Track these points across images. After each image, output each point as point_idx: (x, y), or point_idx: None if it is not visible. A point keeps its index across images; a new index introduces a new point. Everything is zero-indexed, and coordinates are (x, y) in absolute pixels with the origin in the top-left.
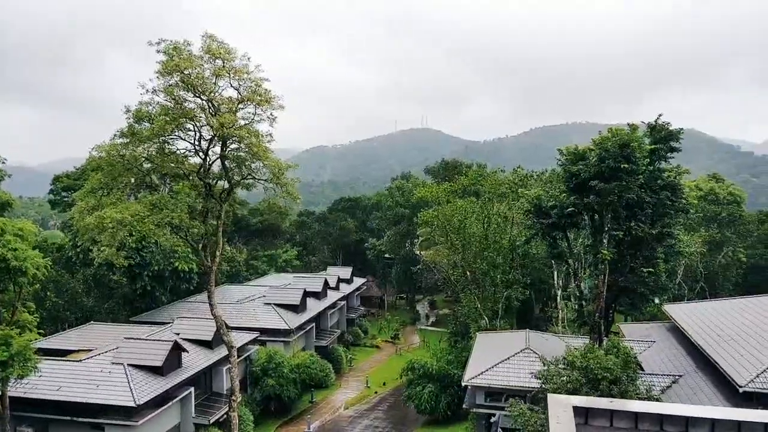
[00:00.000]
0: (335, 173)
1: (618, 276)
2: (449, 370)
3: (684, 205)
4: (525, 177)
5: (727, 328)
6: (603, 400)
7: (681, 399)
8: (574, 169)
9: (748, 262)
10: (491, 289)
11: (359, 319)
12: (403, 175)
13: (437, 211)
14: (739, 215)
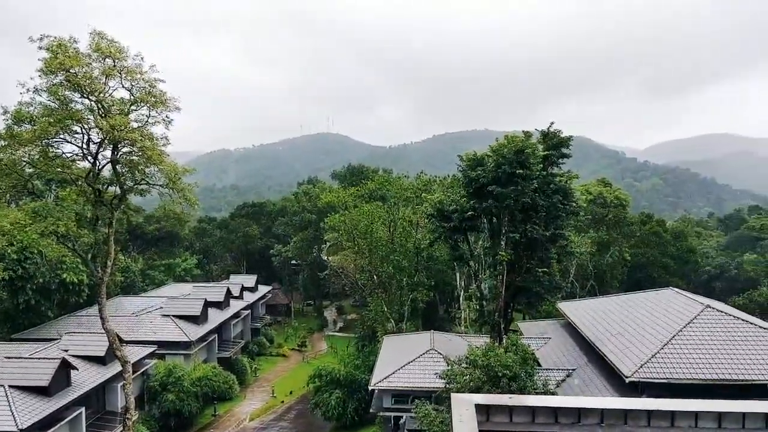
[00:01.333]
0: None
1: (515, 276)
2: (357, 375)
3: (575, 208)
4: (428, 182)
5: (614, 322)
6: (503, 397)
7: (574, 391)
8: (473, 174)
9: (633, 261)
10: (397, 292)
11: (265, 327)
12: (309, 180)
13: (344, 215)
14: (624, 217)
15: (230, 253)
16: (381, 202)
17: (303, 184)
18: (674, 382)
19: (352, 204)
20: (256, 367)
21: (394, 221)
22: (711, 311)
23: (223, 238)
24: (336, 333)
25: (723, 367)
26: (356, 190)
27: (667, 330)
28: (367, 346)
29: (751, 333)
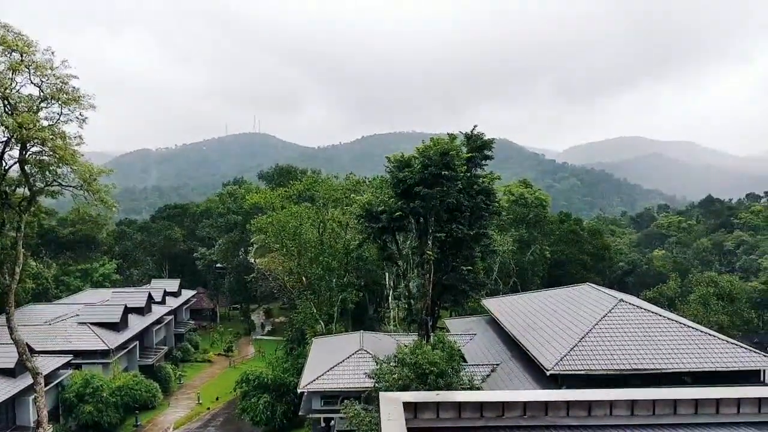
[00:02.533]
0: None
1: (442, 275)
2: (285, 379)
3: (497, 208)
4: (357, 183)
5: (536, 317)
6: (430, 394)
7: (499, 385)
8: (401, 175)
9: (552, 258)
10: (327, 293)
11: (189, 333)
12: (235, 181)
13: (271, 217)
14: (544, 217)
15: (152, 257)
16: (310, 203)
17: (228, 185)
18: (591, 374)
19: (280, 205)
20: (181, 374)
21: (323, 222)
22: (624, 305)
23: (144, 241)
24: (264, 337)
25: (635, 358)
26: (284, 191)
27: (584, 324)
28: (296, 348)
29: (660, 325)
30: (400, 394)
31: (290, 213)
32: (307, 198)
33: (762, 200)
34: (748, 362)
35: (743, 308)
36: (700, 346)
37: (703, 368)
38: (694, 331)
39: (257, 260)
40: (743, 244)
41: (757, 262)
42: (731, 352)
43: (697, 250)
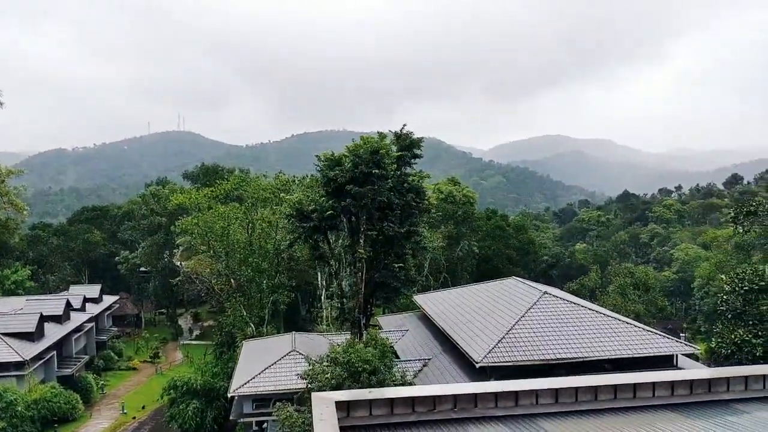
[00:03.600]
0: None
1: (374, 272)
2: (215, 383)
3: (427, 206)
4: (287, 182)
5: (465, 311)
6: (363, 392)
7: (431, 380)
8: (332, 174)
9: (481, 253)
10: (257, 295)
11: (112, 340)
12: (158, 181)
13: (197, 218)
14: (472, 213)
15: (70, 262)
16: (238, 204)
17: (151, 186)
18: (518, 365)
19: (207, 206)
20: (103, 383)
21: (252, 223)
22: (548, 297)
23: (60, 245)
24: (192, 341)
25: (559, 348)
26: (211, 191)
27: (510, 316)
28: (225, 352)
29: (582, 315)
30: (333, 394)
31: (217, 213)
32: (235, 198)
33: (673, 195)
34: (662, 348)
35: (657, 297)
36: (619, 334)
37: (621, 355)
38: (613, 320)
39: (183, 263)
40: (657, 236)
41: (669, 253)
42: (647, 338)
43: (616, 242)
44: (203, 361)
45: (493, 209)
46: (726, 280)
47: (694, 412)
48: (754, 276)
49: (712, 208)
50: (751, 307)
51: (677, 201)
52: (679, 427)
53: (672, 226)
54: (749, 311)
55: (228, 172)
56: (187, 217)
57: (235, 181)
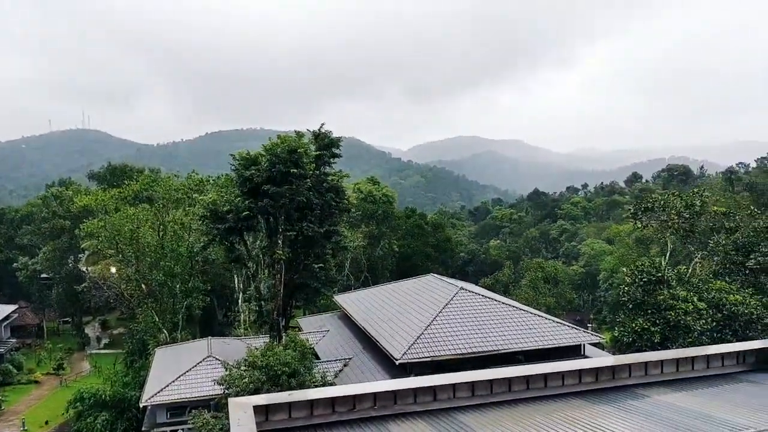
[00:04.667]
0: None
1: (293, 274)
2: (126, 394)
3: (346, 205)
4: (201, 182)
5: (385, 309)
6: (282, 395)
7: (351, 379)
8: (248, 173)
9: (400, 252)
10: (170, 300)
11: (10, 353)
12: (61, 182)
13: (104, 220)
14: (392, 212)
15: None
16: (148, 205)
17: (53, 187)
18: (437, 359)
19: (114, 207)
20: (2, 399)
21: (163, 225)
22: (464, 292)
23: None
24: (101, 351)
25: (476, 342)
26: (118, 192)
27: (429, 312)
28: (137, 361)
29: (497, 309)
30: (251, 398)
31: (126, 215)
32: (145, 199)
33: (580, 192)
34: (570, 338)
35: (566, 290)
36: (531, 327)
37: (533, 347)
38: (525, 313)
39: (90, 268)
40: (565, 232)
41: (577, 248)
42: (557, 330)
43: (527, 239)
44: (113, 370)
45: (412, 208)
46: (627, 272)
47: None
48: (651, 268)
49: (615, 204)
50: (650, 297)
51: (583, 198)
52: (586, 414)
53: (579, 222)
54: (648, 301)
55: (137, 171)
56: (94, 219)
57: (145, 182)
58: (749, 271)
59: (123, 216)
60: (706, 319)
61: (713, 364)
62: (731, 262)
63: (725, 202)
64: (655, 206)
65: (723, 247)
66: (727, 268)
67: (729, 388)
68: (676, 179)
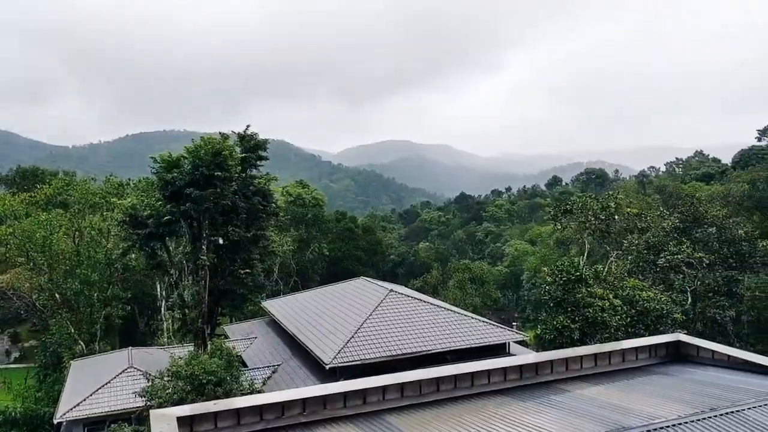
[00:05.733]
0: None
1: (219, 280)
2: (38, 410)
3: (274, 209)
4: (120, 186)
5: (315, 314)
6: (207, 404)
7: (281, 386)
8: (169, 177)
9: (331, 255)
10: (87, 309)
11: None
12: None
13: (13, 227)
14: (321, 216)
15: None
16: (62, 210)
17: None
18: (367, 362)
19: (24, 213)
20: None
21: (79, 230)
22: (394, 295)
23: None
24: (10, 365)
25: (405, 343)
26: (29, 197)
27: (359, 316)
28: (51, 375)
29: (426, 310)
30: (174, 410)
31: (37, 221)
32: (59, 204)
33: (504, 195)
34: (496, 337)
35: (492, 290)
36: (459, 327)
37: (461, 346)
38: (453, 313)
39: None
40: (490, 233)
41: (502, 249)
42: (483, 329)
43: (455, 240)
44: (24, 386)
45: (342, 211)
46: (548, 272)
47: (524, 395)
48: (570, 267)
49: (537, 207)
50: (569, 296)
51: (507, 201)
52: (511, 410)
53: (503, 224)
54: (567, 299)
55: (50, 175)
56: (1, 225)
57: (59, 185)
58: (659, 268)
59: (34, 222)
60: (621, 315)
61: (628, 357)
62: (643, 260)
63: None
64: (574, 208)
65: (636, 247)
66: (640, 266)
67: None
68: (594, 182)
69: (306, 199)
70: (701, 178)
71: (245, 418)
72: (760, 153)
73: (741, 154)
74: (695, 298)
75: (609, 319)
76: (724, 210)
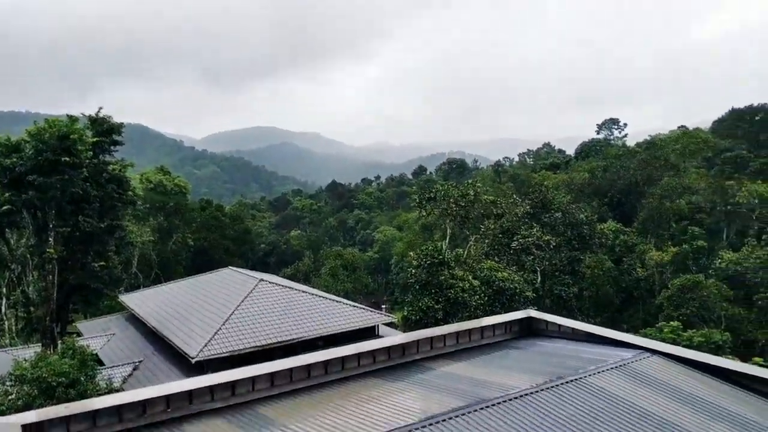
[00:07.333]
0: None
1: (70, 274)
2: None
3: (131, 197)
4: None
5: (180, 307)
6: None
7: (143, 383)
8: (8, 162)
9: (196, 246)
10: None
11: None
12: None
13: None
14: (185, 204)
15: None
16: None
17: None
18: (236, 354)
19: None
20: None
21: None
22: (264, 284)
23: None
24: None
25: (277, 332)
26: None
27: (227, 307)
28: None
29: (297, 298)
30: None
31: None
32: None
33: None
34: (367, 320)
35: (362, 275)
36: (330, 313)
37: (332, 331)
38: (324, 300)
39: None
40: (361, 220)
41: (372, 235)
42: (354, 313)
43: (326, 228)
44: None
45: (207, 199)
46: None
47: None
48: (434, 251)
49: (404, 195)
50: (433, 278)
51: (377, 189)
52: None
53: (373, 211)
54: (432, 281)
55: None
56: None
57: None
58: (513, 251)
59: None
60: (480, 294)
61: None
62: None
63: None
64: (437, 196)
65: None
66: (496, 249)
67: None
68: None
69: (167, 186)
70: (549, 167)
71: (102, 419)
72: (598, 145)
73: (582, 146)
74: (544, 277)
75: (469, 298)
76: (568, 196)
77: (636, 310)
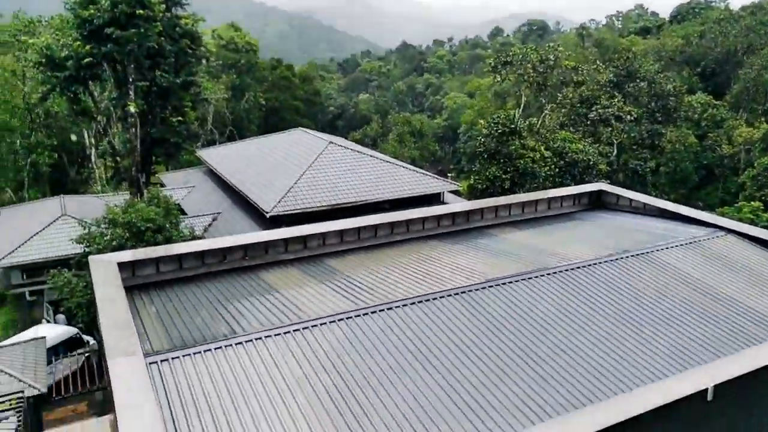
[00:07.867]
0: None
1: (150, 127)
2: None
3: (204, 53)
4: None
5: (254, 164)
6: (147, 250)
7: (222, 234)
8: (86, 14)
9: (267, 105)
10: (10, 157)
11: None
12: None
13: None
14: (256, 62)
15: None
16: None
17: None
18: (307, 211)
19: None
20: None
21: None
22: (333, 147)
23: None
24: None
25: (344, 193)
26: None
27: (298, 167)
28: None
29: (365, 162)
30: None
31: None
32: None
33: (445, 46)
34: (433, 187)
35: (430, 142)
36: (397, 178)
37: (398, 196)
38: (391, 165)
39: None
40: (431, 85)
41: (441, 101)
42: (420, 180)
43: (395, 92)
44: None
45: (278, 59)
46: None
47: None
48: (506, 120)
49: (478, 59)
50: (503, 147)
51: (449, 52)
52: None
53: (444, 75)
54: (501, 151)
55: None
56: None
57: None
58: (590, 122)
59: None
60: (550, 166)
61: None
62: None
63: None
64: (514, 60)
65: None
66: (572, 119)
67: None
68: (535, 34)
69: (238, 44)
70: (639, 32)
71: (187, 263)
72: (698, 8)
73: (678, 8)
74: (620, 151)
75: (539, 169)
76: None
77: (715, 188)
